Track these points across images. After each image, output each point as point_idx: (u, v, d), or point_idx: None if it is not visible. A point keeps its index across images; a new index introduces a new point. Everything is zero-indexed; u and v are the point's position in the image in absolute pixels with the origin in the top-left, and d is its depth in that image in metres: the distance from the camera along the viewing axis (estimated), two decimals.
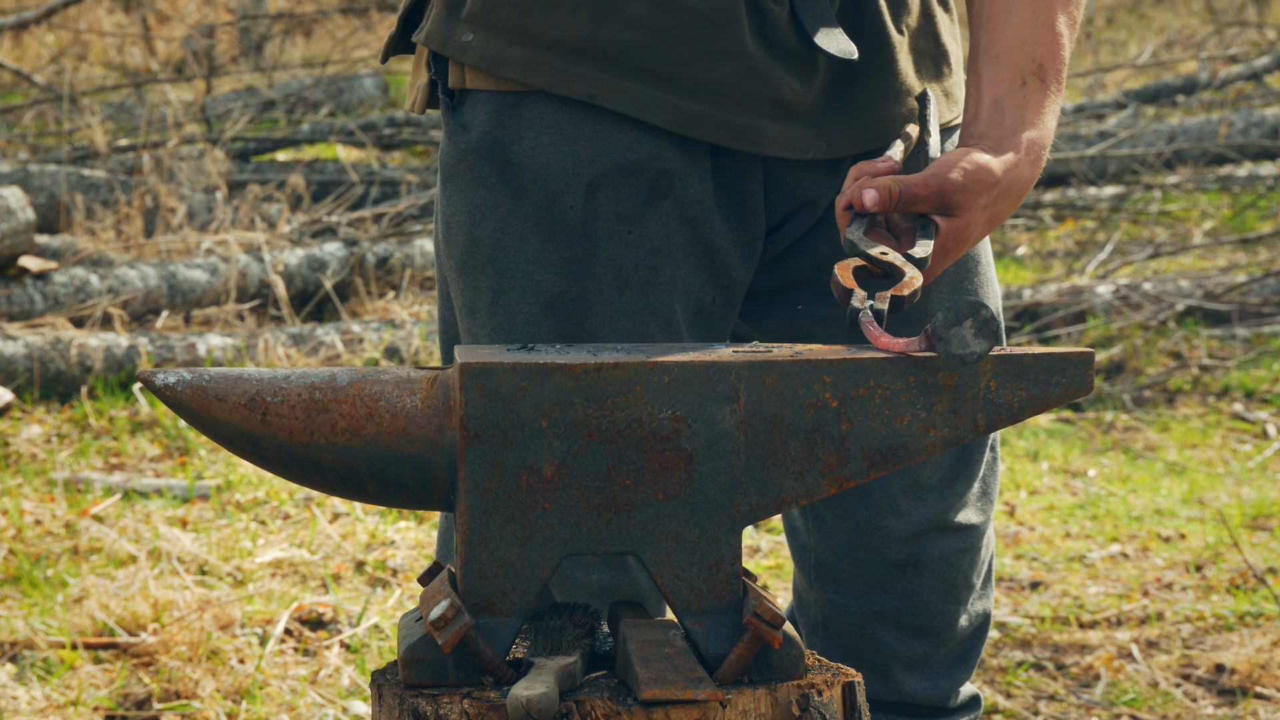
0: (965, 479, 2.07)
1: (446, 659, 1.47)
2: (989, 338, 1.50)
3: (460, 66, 1.91)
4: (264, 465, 1.52)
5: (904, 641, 2.08)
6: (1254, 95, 9.49)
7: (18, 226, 5.49)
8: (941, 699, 2.11)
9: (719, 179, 1.90)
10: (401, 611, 3.66)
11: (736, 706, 1.44)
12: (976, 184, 1.75)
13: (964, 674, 2.13)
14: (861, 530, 2.05)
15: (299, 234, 6.76)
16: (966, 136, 1.82)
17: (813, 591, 2.10)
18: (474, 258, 1.90)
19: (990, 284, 2.07)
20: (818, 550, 2.08)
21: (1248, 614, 3.74)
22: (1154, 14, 13.62)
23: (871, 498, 2.04)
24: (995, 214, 1.78)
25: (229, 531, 4.16)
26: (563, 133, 1.87)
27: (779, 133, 1.89)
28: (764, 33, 1.87)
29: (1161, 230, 7.73)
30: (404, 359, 5.49)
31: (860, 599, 2.07)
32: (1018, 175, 1.78)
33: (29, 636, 3.45)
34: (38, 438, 4.88)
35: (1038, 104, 1.82)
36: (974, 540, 2.09)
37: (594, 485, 1.49)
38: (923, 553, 2.05)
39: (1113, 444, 5.18)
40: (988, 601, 2.14)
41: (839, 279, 1.64)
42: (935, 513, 2.05)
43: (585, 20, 1.85)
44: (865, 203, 1.72)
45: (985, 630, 2.15)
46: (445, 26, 1.90)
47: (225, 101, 9.51)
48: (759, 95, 1.87)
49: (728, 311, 1.95)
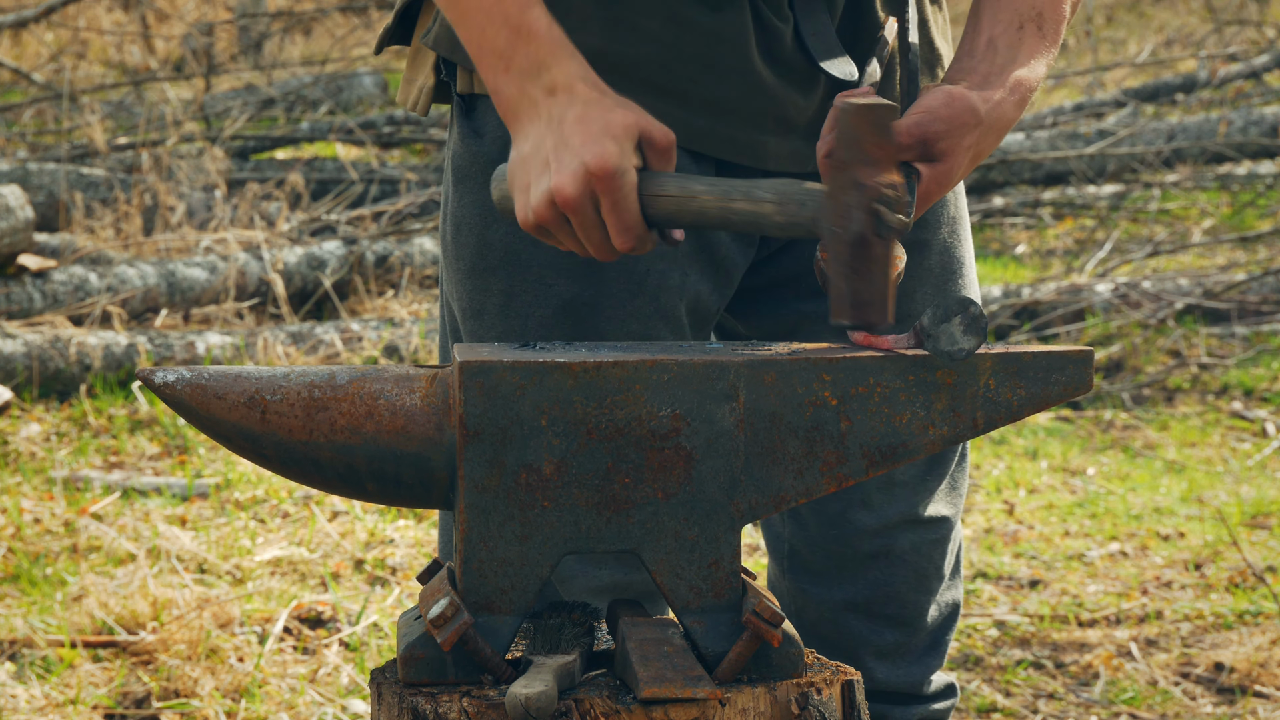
0: (936, 475, 2.10)
1: (445, 657, 1.47)
2: (978, 334, 1.50)
3: (469, 72, 1.91)
4: (263, 463, 1.52)
5: (876, 631, 2.11)
6: (1253, 94, 9.49)
7: (17, 225, 5.49)
8: (915, 686, 2.15)
9: None
10: (401, 610, 3.66)
11: (735, 705, 1.44)
12: (960, 127, 1.75)
13: (936, 661, 2.17)
14: (834, 522, 2.08)
15: (298, 232, 6.76)
16: (956, 71, 1.83)
17: (785, 581, 2.14)
18: (485, 260, 1.91)
19: (972, 286, 2.10)
20: (791, 541, 2.12)
21: (1247, 612, 3.74)
22: (1153, 12, 13.62)
23: (845, 492, 2.07)
24: (978, 152, 1.80)
25: (228, 530, 4.16)
26: None
27: (780, 147, 1.91)
28: (770, 50, 1.89)
29: (1160, 228, 7.73)
30: (403, 357, 5.49)
31: (833, 589, 2.10)
32: (1001, 114, 1.79)
33: (28, 635, 3.45)
34: (37, 436, 4.88)
35: (1031, 48, 1.83)
36: (944, 532, 2.12)
37: (593, 484, 1.49)
38: (894, 544, 2.08)
39: (1112, 442, 5.18)
40: (957, 591, 2.18)
41: (822, 265, 1.64)
42: (906, 506, 2.08)
43: (596, 33, 1.85)
44: None
45: (955, 619, 2.19)
46: (454, 32, 1.90)
47: (224, 100, 9.51)
48: (763, 111, 1.89)
49: (718, 311, 1.98)
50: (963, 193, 2.09)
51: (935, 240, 2.03)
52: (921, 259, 2.01)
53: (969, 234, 2.10)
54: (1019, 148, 8.37)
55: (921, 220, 2.01)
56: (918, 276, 2.01)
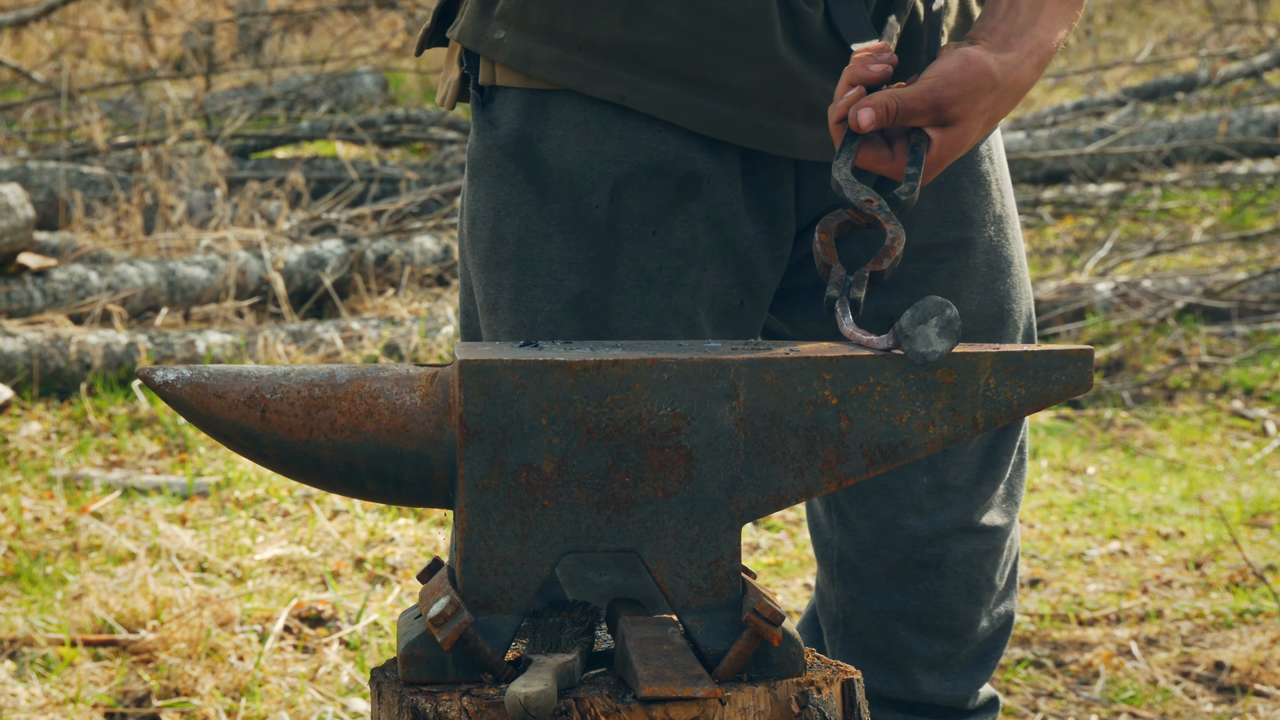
0: (991, 480, 2.05)
1: (446, 656, 1.47)
2: (951, 337, 1.49)
3: (491, 63, 1.91)
4: (263, 462, 1.52)
5: (924, 642, 2.06)
6: (1253, 93, 9.49)
7: (17, 224, 5.49)
8: (960, 700, 2.10)
9: (749, 181, 1.90)
10: (401, 609, 3.66)
11: (735, 704, 1.44)
12: (975, 91, 1.74)
13: (984, 675, 2.12)
14: (885, 528, 2.03)
15: (298, 231, 6.76)
16: (977, 30, 1.81)
17: (834, 589, 2.09)
18: (498, 254, 1.90)
19: (1023, 284, 2.04)
20: (841, 547, 2.07)
21: (1247, 611, 3.74)
22: (1153, 11, 13.62)
23: (896, 496, 2.03)
24: (994, 115, 1.77)
25: (228, 529, 4.16)
26: (590, 132, 1.87)
27: (810, 135, 1.88)
28: (797, 36, 1.86)
29: (1161, 228, 7.73)
30: (403, 356, 5.49)
31: (882, 598, 2.06)
32: (1019, 76, 1.78)
33: (28, 633, 3.45)
34: (37, 435, 4.88)
35: (1053, 12, 1.81)
36: (998, 542, 2.07)
37: (593, 483, 1.48)
38: (946, 553, 2.04)
39: (1112, 441, 5.18)
40: (1011, 603, 2.13)
41: (819, 248, 1.64)
42: (960, 513, 2.03)
43: (617, 21, 1.84)
44: (861, 123, 1.70)
45: (1007, 632, 2.13)
46: (478, 23, 1.90)
47: (224, 99, 9.51)
48: (791, 99, 1.86)
49: (756, 313, 1.94)
50: (1010, 191, 2.05)
51: (980, 239, 1.99)
52: (967, 258, 1.98)
53: (1018, 233, 2.05)
54: (1019, 146, 8.36)
55: (966, 218, 1.98)
56: (963, 276, 1.97)
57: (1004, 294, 2.02)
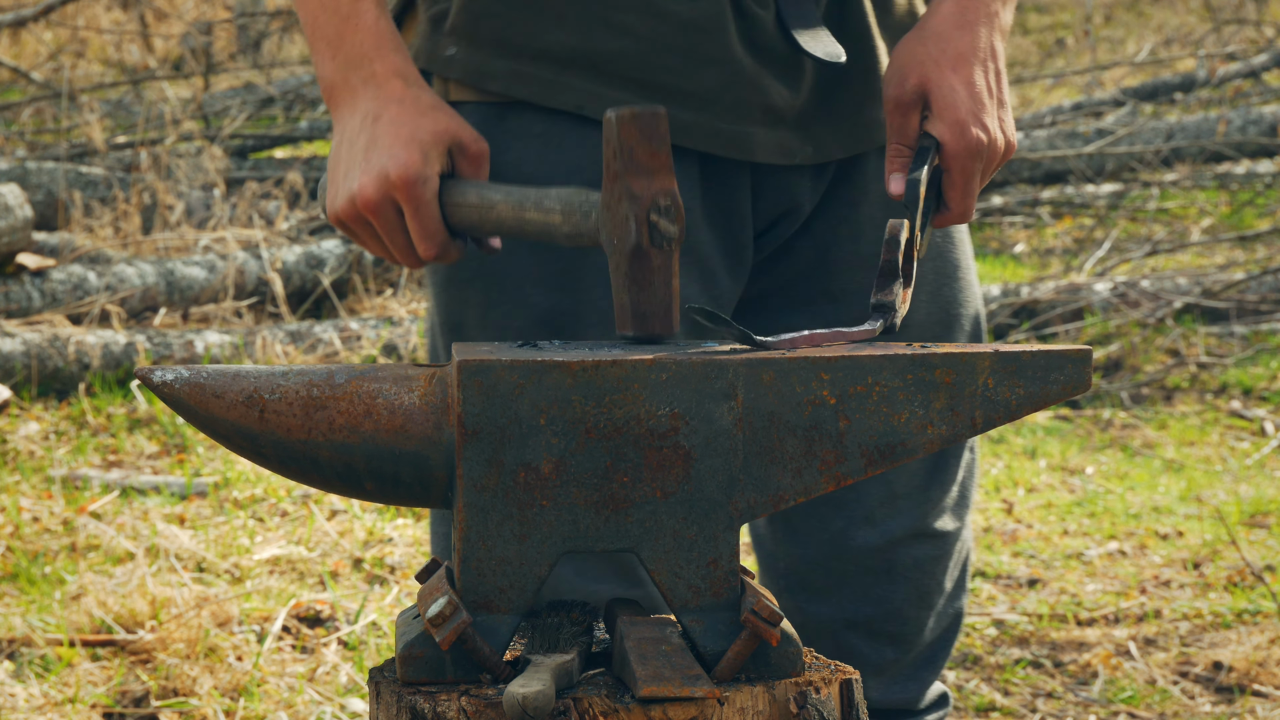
0: (940, 485, 2.05)
1: (444, 656, 1.47)
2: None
3: (445, 81, 1.90)
4: (262, 462, 1.52)
5: (875, 649, 2.06)
6: (1252, 93, 9.49)
7: (15, 224, 5.49)
8: (910, 702, 2.10)
9: (706, 188, 1.90)
10: (399, 609, 3.66)
11: (734, 704, 1.44)
12: (930, 60, 1.80)
13: (932, 675, 2.12)
14: (835, 541, 2.03)
15: (297, 231, 6.76)
16: (929, 13, 1.85)
17: (782, 600, 2.08)
18: (461, 271, 1.89)
19: (970, 288, 2.06)
20: (788, 560, 2.06)
21: (1245, 611, 3.74)
22: (1152, 12, 13.62)
23: (847, 508, 2.02)
24: (986, 50, 1.83)
25: (227, 529, 4.16)
26: (549, 143, 1.86)
27: (767, 138, 1.88)
28: (751, 38, 1.86)
29: (1159, 228, 7.73)
30: (402, 356, 5.49)
31: (833, 607, 2.05)
32: (992, 39, 1.83)
33: (27, 634, 3.45)
34: (35, 435, 4.87)
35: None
36: (949, 546, 2.07)
37: (592, 483, 1.48)
38: (896, 560, 2.03)
39: (1110, 441, 5.18)
40: (960, 602, 2.13)
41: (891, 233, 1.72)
42: (911, 520, 2.03)
43: (571, 30, 1.84)
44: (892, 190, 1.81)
45: (955, 631, 2.13)
46: (429, 41, 1.89)
47: (223, 98, 9.51)
48: (747, 101, 1.86)
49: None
50: None
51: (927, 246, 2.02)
52: None
53: (965, 237, 2.06)
54: (1017, 146, 8.37)
55: None
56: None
57: (950, 299, 2.02)
